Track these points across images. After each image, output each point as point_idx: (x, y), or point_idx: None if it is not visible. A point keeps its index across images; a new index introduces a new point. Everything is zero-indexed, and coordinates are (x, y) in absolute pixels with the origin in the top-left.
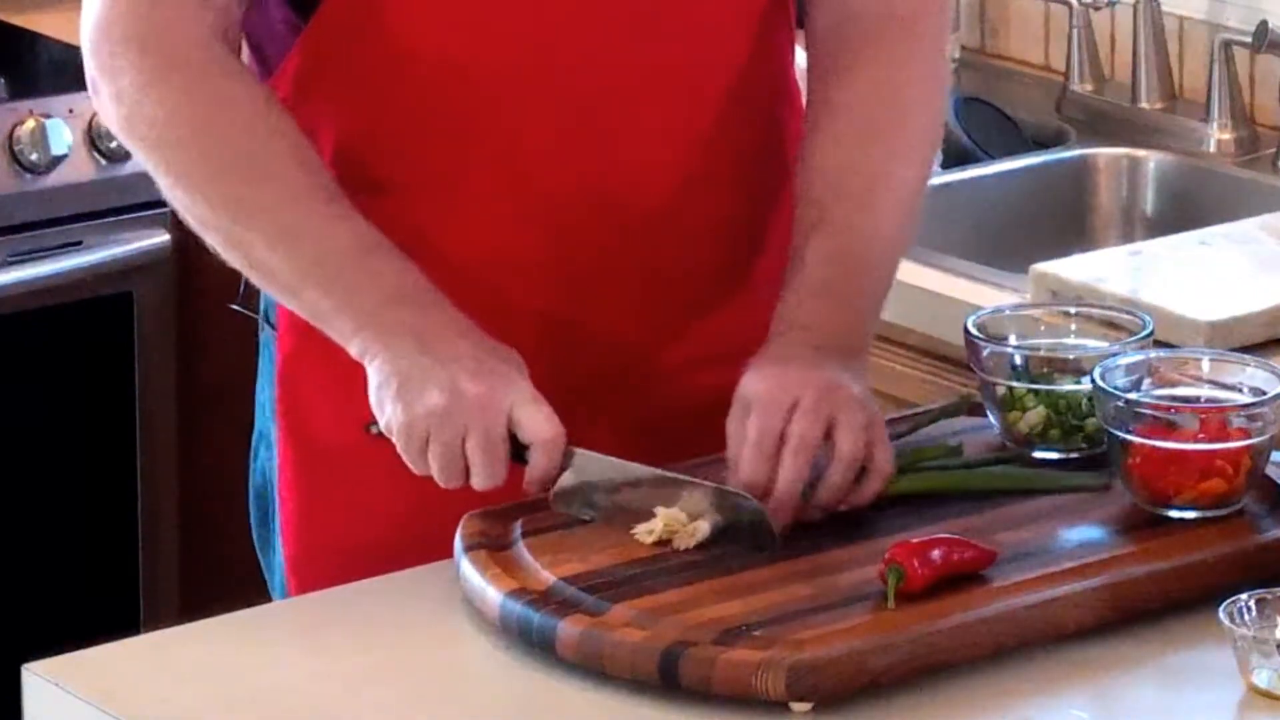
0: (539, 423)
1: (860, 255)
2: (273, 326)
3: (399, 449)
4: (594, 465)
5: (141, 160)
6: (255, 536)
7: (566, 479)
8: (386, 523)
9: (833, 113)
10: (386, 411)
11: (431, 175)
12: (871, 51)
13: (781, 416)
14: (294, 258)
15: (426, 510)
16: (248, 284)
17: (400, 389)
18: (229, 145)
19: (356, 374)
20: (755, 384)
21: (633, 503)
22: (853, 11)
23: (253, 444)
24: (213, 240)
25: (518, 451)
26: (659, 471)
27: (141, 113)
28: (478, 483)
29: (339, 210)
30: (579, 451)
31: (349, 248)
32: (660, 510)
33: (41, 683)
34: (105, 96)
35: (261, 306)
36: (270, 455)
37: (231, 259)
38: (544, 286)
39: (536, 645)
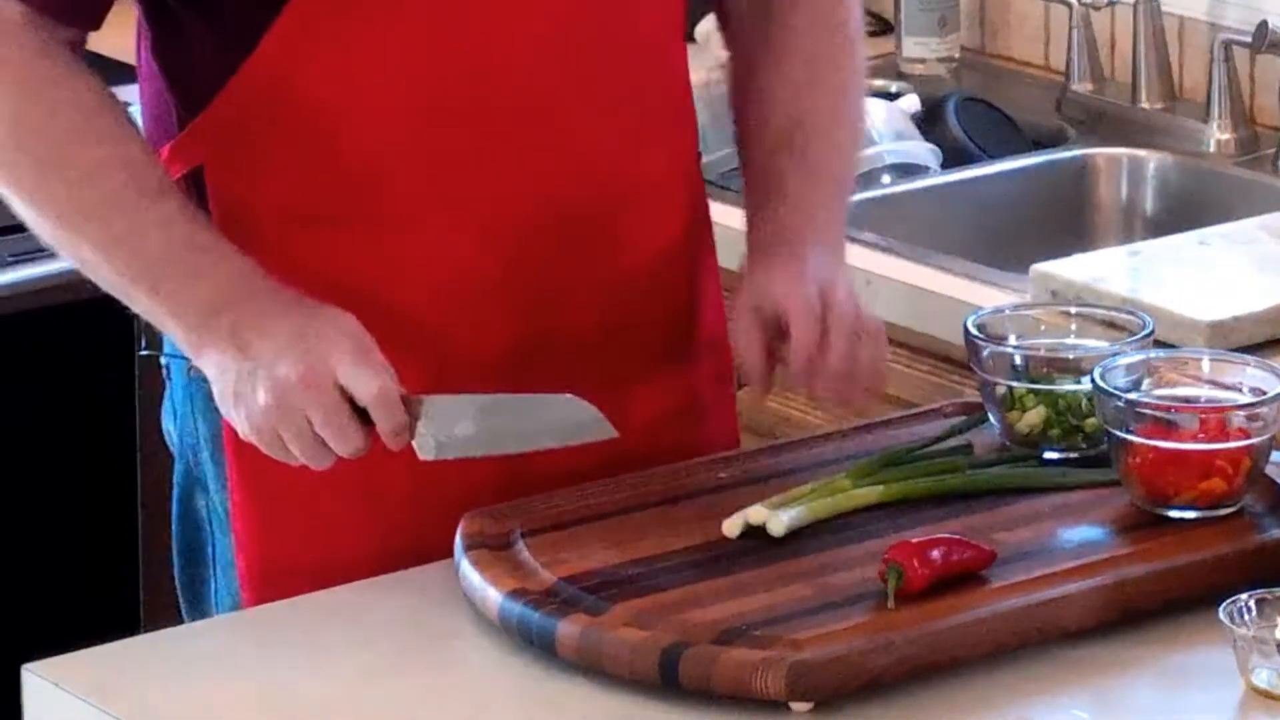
0: (364, 383)
1: (834, 173)
2: None
3: (266, 452)
4: (444, 408)
5: None
6: (180, 580)
7: (423, 430)
8: (348, 544)
9: (781, 49)
10: (236, 424)
11: (373, 201)
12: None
13: (814, 295)
14: (116, 264)
15: (391, 528)
16: (149, 330)
17: (235, 401)
18: (56, 150)
19: None
20: (761, 276)
21: (498, 429)
22: None
23: (179, 489)
24: (48, 242)
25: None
26: (506, 396)
27: None
28: (342, 454)
29: (161, 213)
30: (426, 399)
31: (167, 253)
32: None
33: (41, 683)
34: None
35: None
36: (208, 499)
37: (67, 259)
38: (505, 309)
39: (536, 645)
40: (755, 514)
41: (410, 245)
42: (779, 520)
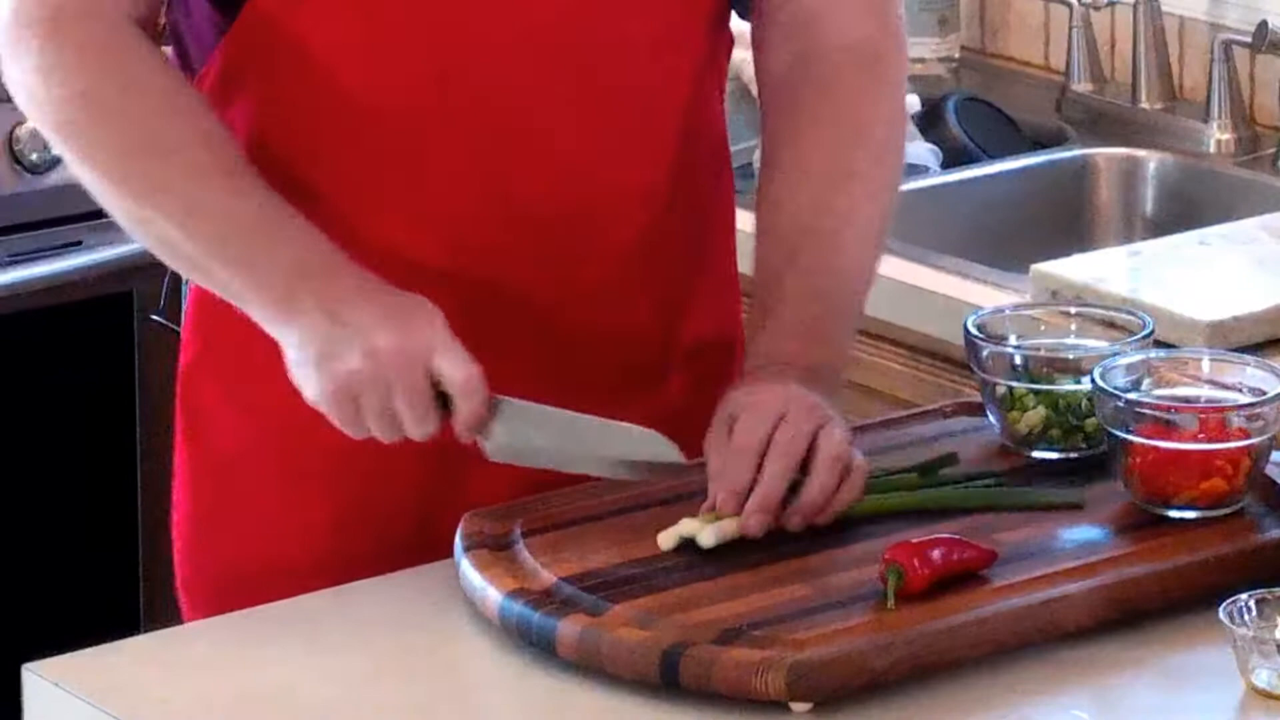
0: (454, 368)
1: (834, 294)
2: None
3: (332, 419)
4: (524, 414)
5: (49, 141)
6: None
7: (499, 430)
8: (292, 538)
9: (801, 151)
10: (310, 386)
11: (343, 182)
12: (836, 89)
13: (768, 423)
14: (197, 235)
15: (338, 524)
16: (168, 295)
17: (319, 362)
18: (134, 126)
19: (259, 384)
20: (740, 397)
21: (572, 448)
22: (811, 50)
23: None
24: (120, 220)
25: (449, 402)
26: (587, 417)
27: (48, 94)
28: (412, 435)
29: (241, 185)
30: (508, 400)
31: (251, 223)
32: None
33: (41, 683)
34: (13, 77)
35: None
36: None
37: (139, 238)
38: (451, 295)
39: (536, 645)
40: (687, 526)
41: (356, 222)
42: (708, 534)
